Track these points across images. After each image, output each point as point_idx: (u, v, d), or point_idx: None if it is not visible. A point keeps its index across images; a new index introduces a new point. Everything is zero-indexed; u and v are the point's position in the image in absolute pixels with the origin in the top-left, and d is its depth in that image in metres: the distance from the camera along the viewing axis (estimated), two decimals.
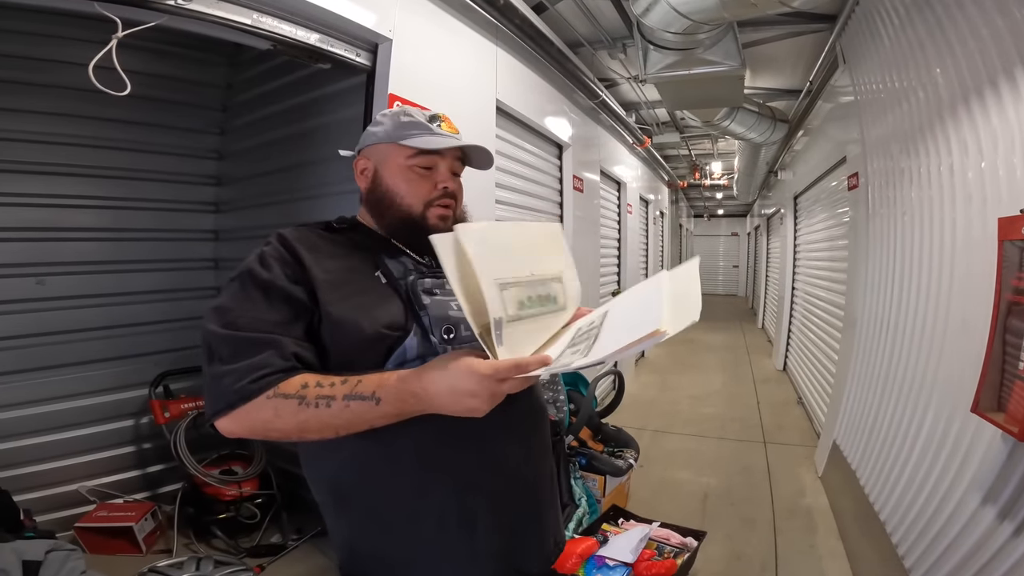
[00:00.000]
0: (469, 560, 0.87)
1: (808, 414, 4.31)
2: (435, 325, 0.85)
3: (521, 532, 0.93)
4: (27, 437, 2.26)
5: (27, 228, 2.28)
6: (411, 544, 0.86)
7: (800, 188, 5.44)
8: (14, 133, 2.22)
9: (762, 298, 9.35)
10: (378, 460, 0.84)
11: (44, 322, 2.33)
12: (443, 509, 0.85)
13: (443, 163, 0.95)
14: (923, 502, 1.74)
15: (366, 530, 0.88)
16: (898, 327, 2.21)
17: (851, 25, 2.74)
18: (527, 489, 0.94)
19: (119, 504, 2.36)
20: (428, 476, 0.84)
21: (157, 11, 1.31)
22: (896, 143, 2.30)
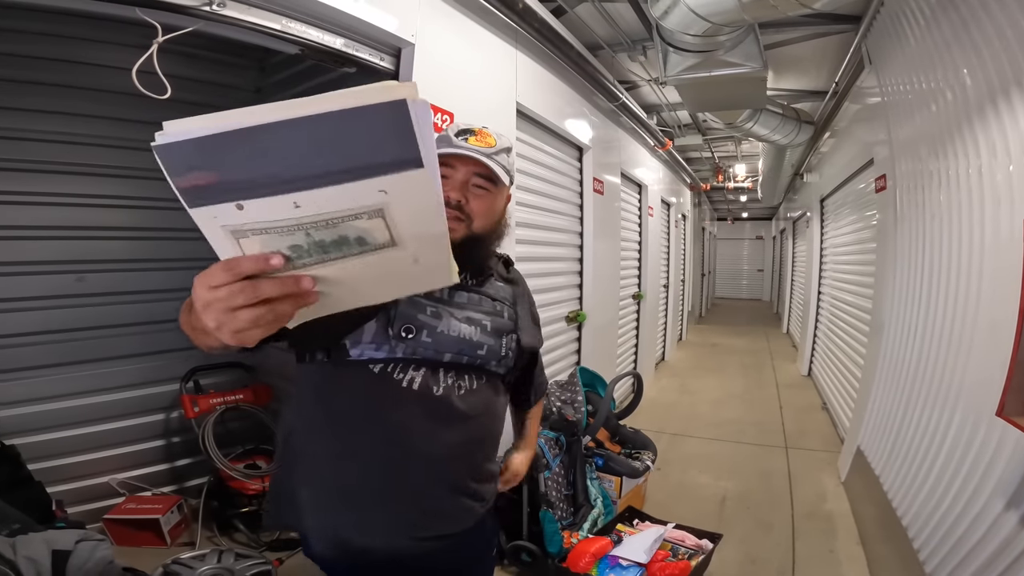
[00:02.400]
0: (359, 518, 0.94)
1: (832, 419, 4.24)
2: (397, 319, 0.91)
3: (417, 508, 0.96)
4: (62, 429, 2.34)
5: (69, 227, 2.38)
6: (327, 498, 0.94)
7: (827, 191, 5.35)
8: (58, 135, 2.31)
9: (787, 302, 9.18)
10: (314, 420, 0.96)
11: (82, 317, 2.42)
12: (346, 473, 0.93)
13: (456, 174, 0.96)
14: (946, 507, 1.73)
15: (295, 474, 0.97)
16: (925, 331, 2.18)
17: (876, 26, 2.70)
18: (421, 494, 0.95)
19: (147, 497, 2.43)
20: (340, 446, 0.93)
21: (193, 16, 1.38)
22: (924, 145, 2.26)
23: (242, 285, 0.50)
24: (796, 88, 4.45)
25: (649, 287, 5.43)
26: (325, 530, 0.95)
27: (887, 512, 2.19)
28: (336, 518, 0.94)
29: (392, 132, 0.43)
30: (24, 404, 2.25)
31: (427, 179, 0.46)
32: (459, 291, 1.00)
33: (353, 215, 0.48)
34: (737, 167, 8.24)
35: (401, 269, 0.55)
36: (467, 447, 1.00)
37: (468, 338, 0.97)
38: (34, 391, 2.28)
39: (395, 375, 0.92)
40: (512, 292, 1.12)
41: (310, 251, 0.50)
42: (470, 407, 0.98)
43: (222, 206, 0.46)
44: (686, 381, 5.65)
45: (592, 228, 3.61)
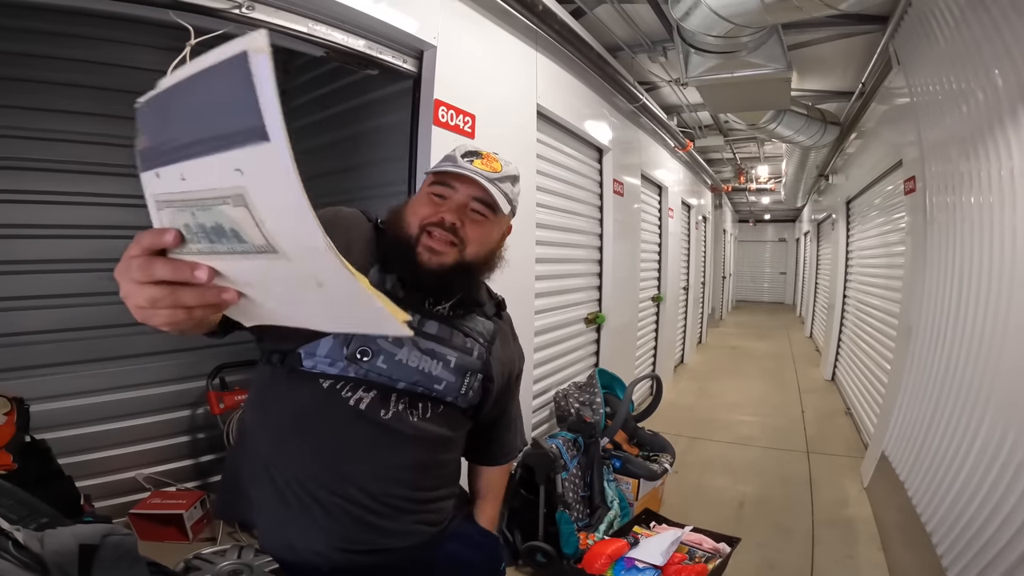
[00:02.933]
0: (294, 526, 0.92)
1: (856, 425, 4.17)
2: (355, 340, 0.89)
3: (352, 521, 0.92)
4: (92, 425, 2.38)
5: (96, 226, 2.44)
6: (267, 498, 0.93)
7: (853, 192, 5.26)
8: (83, 135, 2.36)
9: (811, 306, 9.01)
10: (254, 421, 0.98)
11: (112, 315, 2.45)
12: (282, 479, 0.92)
13: (457, 196, 0.92)
14: (972, 513, 1.71)
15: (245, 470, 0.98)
16: (955, 335, 2.15)
17: (904, 26, 2.65)
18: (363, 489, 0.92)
19: (171, 492, 2.47)
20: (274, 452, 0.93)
21: (224, 19, 1.42)
22: (955, 146, 2.22)
23: (141, 260, 0.47)
24: (821, 89, 4.38)
25: (669, 289, 5.39)
26: (268, 528, 0.95)
27: (911, 518, 2.16)
28: (276, 519, 0.93)
29: (236, 94, 0.37)
30: (55, 399, 2.30)
31: (276, 157, 0.37)
32: (431, 320, 0.96)
33: (220, 198, 0.41)
34: (759, 168, 8.13)
35: (312, 293, 0.47)
36: (410, 471, 0.96)
37: (427, 371, 0.93)
38: (65, 387, 2.34)
39: (343, 393, 0.90)
40: (493, 331, 1.05)
41: (198, 234, 0.45)
42: (418, 434, 0.94)
43: (147, 173, 0.46)
44: (705, 384, 5.60)
45: (612, 229, 3.60)
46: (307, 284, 0.45)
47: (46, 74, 2.25)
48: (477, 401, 1.02)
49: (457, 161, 0.93)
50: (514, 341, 1.13)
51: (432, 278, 0.91)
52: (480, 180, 0.91)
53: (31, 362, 2.27)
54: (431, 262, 0.90)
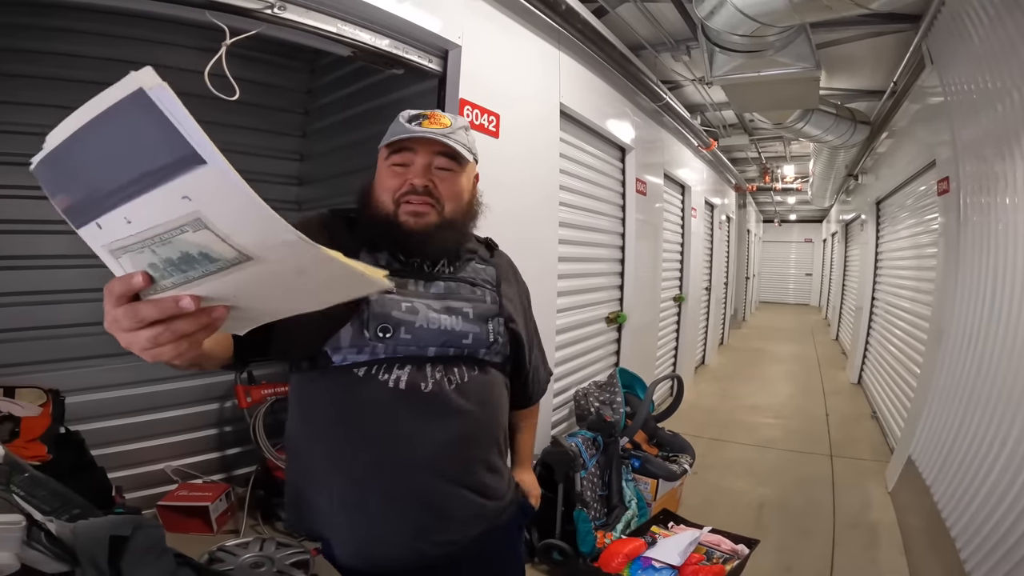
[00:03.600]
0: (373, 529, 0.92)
1: (882, 428, 4.09)
2: (372, 320, 0.88)
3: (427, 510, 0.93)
4: (123, 417, 2.45)
5: None
6: (338, 506, 0.93)
7: (883, 193, 5.14)
8: None
9: (838, 308, 8.82)
10: (306, 430, 0.96)
11: None
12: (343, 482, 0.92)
13: (418, 159, 0.93)
14: (999, 519, 1.70)
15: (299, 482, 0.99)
16: (988, 339, 2.11)
17: (938, 25, 2.60)
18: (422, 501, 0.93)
19: (198, 484, 2.51)
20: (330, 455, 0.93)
21: (257, 19, 1.47)
22: (990, 146, 2.18)
23: (124, 309, 0.47)
24: (850, 88, 4.28)
25: (691, 289, 5.34)
26: (344, 538, 0.94)
27: (936, 523, 2.14)
28: (351, 525, 0.92)
29: (150, 129, 0.39)
30: (90, 391, 2.37)
31: (220, 176, 0.39)
32: (434, 281, 0.97)
33: (177, 228, 0.42)
34: (786, 168, 7.98)
35: (296, 282, 0.49)
36: (465, 442, 0.96)
37: (450, 329, 0.93)
38: (99, 379, 2.41)
39: (380, 376, 0.89)
40: (495, 274, 1.07)
41: (167, 269, 0.45)
42: (464, 399, 0.94)
43: (87, 227, 0.44)
44: (727, 386, 5.53)
45: (634, 229, 3.59)
46: (288, 276, 0.47)
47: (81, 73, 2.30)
48: (507, 349, 1.02)
49: (407, 127, 0.93)
50: (516, 276, 1.15)
51: (421, 238, 0.94)
52: (437, 138, 0.92)
53: (67, 355, 2.34)
54: (417, 224, 0.93)
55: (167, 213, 0.41)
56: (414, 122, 0.94)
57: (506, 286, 1.07)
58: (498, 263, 1.11)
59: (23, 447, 1.88)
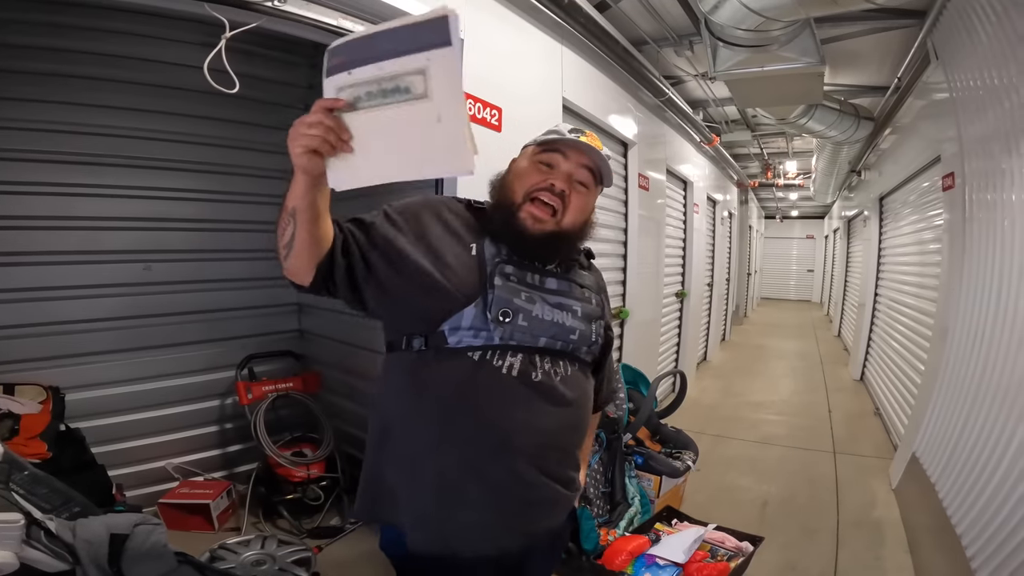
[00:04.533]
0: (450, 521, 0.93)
1: (886, 425, 4.09)
2: (495, 304, 0.93)
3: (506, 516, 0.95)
4: (124, 414, 2.45)
5: (137, 219, 2.52)
6: (421, 491, 0.94)
7: (887, 189, 5.13)
8: (124, 130, 2.42)
9: (840, 304, 8.80)
10: (410, 409, 0.96)
11: (146, 305, 2.55)
12: (440, 468, 0.93)
13: (565, 164, 0.99)
14: (1005, 516, 1.70)
15: (389, 469, 0.99)
16: (994, 336, 2.11)
17: (943, 21, 2.59)
18: (525, 480, 0.95)
19: (199, 482, 2.51)
20: (438, 435, 0.93)
21: (257, 12, 1.45)
22: (996, 142, 2.17)
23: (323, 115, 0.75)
24: (854, 83, 4.25)
25: (693, 285, 5.32)
26: (428, 523, 0.94)
27: (941, 520, 2.13)
28: (443, 508, 0.93)
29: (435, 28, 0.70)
30: (90, 388, 2.37)
31: (453, 56, 0.70)
32: (549, 277, 1.02)
33: (409, 73, 0.73)
34: (788, 164, 7.95)
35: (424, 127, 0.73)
36: (563, 433, 1.00)
37: (561, 323, 0.98)
38: (100, 376, 2.41)
39: (494, 362, 0.93)
40: (596, 281, 1.14)
41: (373, 95, 0.75)
42: (566, 392, 0.98)
43: (338, 75, 0.76)
44: (729, 382, 5.52)
45: (636, 224, 3.58)
46: (430, 120, 0.73)
47: (92, 70, 2.31)
48: (600, 351, 1.09)
49: (564, 135, 1.00)
50: (604, 288, 1.21)
51: (534, 243, 0.99)
52: (593, 150, 0.99)
53: (67, 351, 2.34)
54: (533, 228, 0.98)
55: (409, 65, 0.72)
56: (574, 133, 1.01)
57: (604, 295, 1.15)
58: (596, 272, 1.18)
59: (23, 445, 1.87)
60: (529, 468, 0.95)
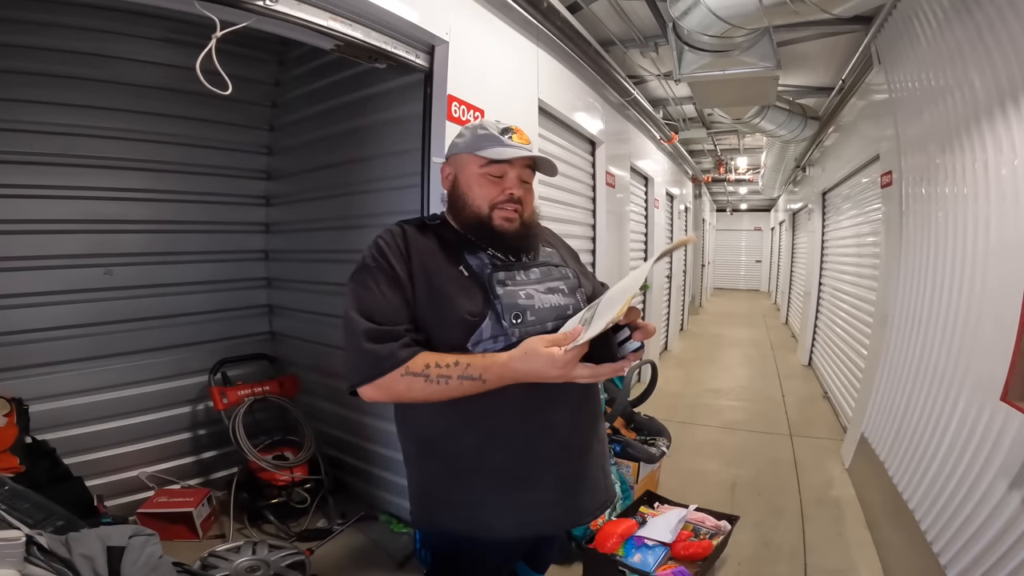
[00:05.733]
0: (521, 509, 1.06)
1: (834, 409, 4.35)
2: (506, 311, 1.03)
3: (571, 489, 1.10)
4: (91, 424, 2.35)
5: (95, 220, 2.40)
6: (478, 492, 1.06)
7: (829, 184, 5.41)
8: (82, 128, 2.31)
9: (786, 293, 9.28)
10: (456, 422, 1.05)
11: (110, 311, 2.44)
12: (502, 467, 1.05)
13: (512, 171, 1.10)
14: (952, 489, 1.80)
15: (440, 477, 1.09)
16: (931, 321, 2.25)
17: (887, 27, 2.76)
18: (575, 454, 1.11)
19: (177, 490, 2.45)
20: (492, 440, 1.05)
21: (248, 12, 1.43)
22: (932, 140, 2.33)
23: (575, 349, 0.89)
24: (802, 84, 4.51)
25: (655, 277, 5.51)
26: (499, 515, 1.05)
27: (894, 497, 2.26)
28: (512, 499, 1.05)
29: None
30: (54, 399, 2.27)
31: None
32: (531, 269, 1.12)
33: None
34: (739, 160, 8.32)
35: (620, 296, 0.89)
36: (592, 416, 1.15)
37: (557, 304, 1.09)
38: (64, 386, 2.30)
39: None
40: (558, 247, 1.27)
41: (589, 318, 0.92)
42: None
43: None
44: (691, 371, 5.76)
45: (604, 220, 3.68)
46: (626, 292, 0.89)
47: (34, 65, 2.18)
48: None
49: (503, 141, 1.08)
50: (560, 241, 1.33)
51: (515, 239, 1.11)
52: (531, 155, 1.10)
53: (27, 361, 2.22)
54: (510, 228, 1.10)
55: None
56: (506, 135, 1.10)
57: (565, 255, 1.27)
58: (550, 239, 1.29)
59: None
60: (572, 438, 1.09)
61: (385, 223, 1.19)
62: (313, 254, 2.81)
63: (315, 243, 2.79)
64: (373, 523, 2.43)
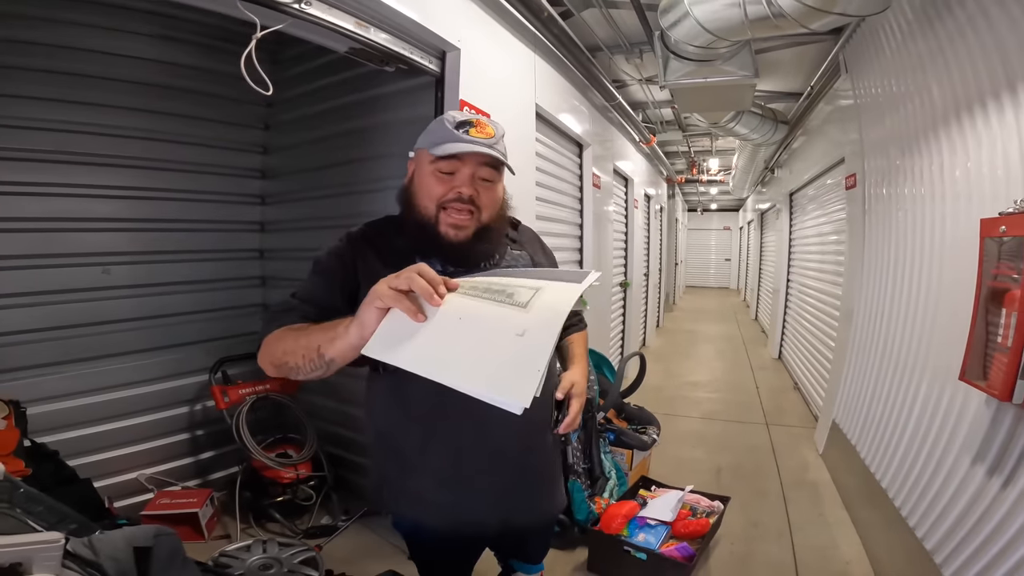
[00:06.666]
0: (456, 510, 1.06)
1: (805, 398, 4.57)
2: None
3: (504, 498, 1.09)
4: (88, 426, 2.32)
5: (92, 219, 2.38)
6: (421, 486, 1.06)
7: (796, 185, 5.63)
8: (83, 126, 2.29)
9: (756, 291, 9.62)
10: (404, 418, 1.05)
11: (108, 310, 2.42)
12: (438, 468, 1.05)
13: (465, 168, 0.97)
14: (921, 466, 1.93)
15: (390, 466, 1.10)
16: (893, 314, 2.41)
17: (855, 37, 2.94)
18: (510, 463, 1.08)
19: (178, 491, 2.44)
20: (429, 441, 1.04)
21: (285, 14, 1.47)
22: (893, 144, 2.50)
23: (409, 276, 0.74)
24: (773, 90, 4.73)
25: (634, 276, 5.69)
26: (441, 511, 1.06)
27: (867, 478, 2.40)
28: (444, 498, 1.05)
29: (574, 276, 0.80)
30: (51, 401, 2.23)
31: (572, 290, 0.76)
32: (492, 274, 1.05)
33: (524, 285, 0.76)
34: (711, 161, 8.61)
35: (503, 335, 0.69)
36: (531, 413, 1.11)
37: None
38: (61, 387, 2.26)
39: None
40: (527, 253, 1.17)
41: (477, 288, 0.77)
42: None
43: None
44: (668, 365, 5.95)
45: (591, 220, 3.81)
46: (510, 333, 0.69)
47: (28, 60, 2.15)
48: None
49: (455, 134, 0.96)
50: (542, 246, 1.26)
51: (462, 250, 1.00)
52: (486, 151, 0.95)
53: (22, 363, 2.18)
54: (457, 237, 0.98)
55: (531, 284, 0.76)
56: (461, 129, 0.96)
57: (539, 258, 1.20)
58: (523, 239, 1.19)
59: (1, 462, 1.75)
60: (509, 445, 1.06)
61: None
62: (311, 252, 2.80)
63: (313, 242, 2.75)
64: (377, 518, 2.48)
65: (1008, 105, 1.60)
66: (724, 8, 2.14)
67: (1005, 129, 1.62)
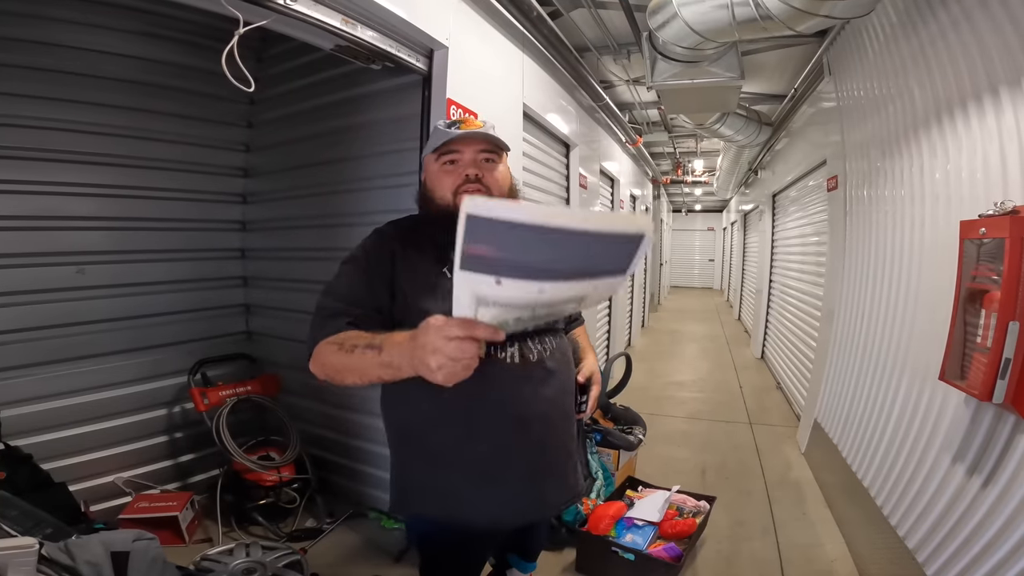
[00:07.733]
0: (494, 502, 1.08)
1: (787, 398, 4.63)
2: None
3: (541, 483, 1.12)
4: (63, 429, 2.26)
5: (66, 217, 2.31)
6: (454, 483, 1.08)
7: (779, 187, 5.68)
8: (53, 122, 2.22)
9: (739, 291, 9.72)
10: (437, 413, 1.07)
11: (81, 311, 2.36)
12: (479, 460, 1.07)
13: (467, 152, 1.08)
14: (902, 465, 1.96)
15: (417, 464, 1.12)
16: (873, 313, 2.44)
17: (839, 40, 2.97)
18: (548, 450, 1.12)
19: (157, 495, 2.39)
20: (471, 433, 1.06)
21: (270, 11, 1.44)
22: (874, 146, 2.53)
23: (471, 344, 0.67)
24: (758, 91, 4.79)
25: None
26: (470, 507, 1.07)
27: (849, 476, 2.43)
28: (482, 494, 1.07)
29: (624, 252, 0.58)
30: (24, 404, 2.17)
31: (623, 280, 0.62)
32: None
33: (571, 301, 0.63)
34: (696, 162, 8.68)
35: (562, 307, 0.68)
36: (561, 399, 1.14)
37: None
38: (34, 390, 2.20)
39: (498, 355, 1.05)
40: None
41: (523, 321, 0.65)
42: (557, 362, 1.13)
43: (485, 277, 0.56)
44: (653, 365, 5.99)
45: None
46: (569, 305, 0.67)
47: (3, 56, 2.08)
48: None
49: (450, 132, 1.08)
50: None
51: None
52: (481, 132, 1.08)
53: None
54: None
55: (577, 292, 0.59)
56: (452, 127, 1.09)
57: None
58: None
59: None
60: (547, 433, 1.10)
61: (376, 220, 1.23)
62: (294, 252, 2.79)
63: (296, 241, 2.77)
64: (362, 520, 2.45)
65: (989, 108, 1.62)
66: (713, 10, 2.15)
67: (985, 132, 1.64)
